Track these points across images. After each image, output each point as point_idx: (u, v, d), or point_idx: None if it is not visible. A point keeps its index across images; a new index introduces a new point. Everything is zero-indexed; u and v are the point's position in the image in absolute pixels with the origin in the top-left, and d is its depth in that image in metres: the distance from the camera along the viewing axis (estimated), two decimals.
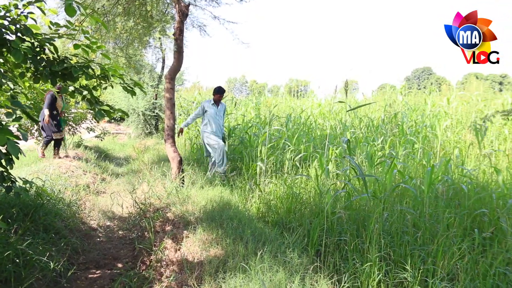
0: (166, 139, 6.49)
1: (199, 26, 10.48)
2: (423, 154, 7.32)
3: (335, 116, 12.16)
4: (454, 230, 3.57)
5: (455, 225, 3.70)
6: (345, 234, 3.81)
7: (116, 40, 9.74)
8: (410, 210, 3.81)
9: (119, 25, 8.54)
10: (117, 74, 3.20)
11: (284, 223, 4.71)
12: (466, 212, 4.04)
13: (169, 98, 6.29)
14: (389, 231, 3.74)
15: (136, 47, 10.53)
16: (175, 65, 6.24)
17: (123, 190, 7.16)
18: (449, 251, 3.24)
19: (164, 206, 5.52)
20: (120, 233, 5.37)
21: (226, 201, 5.26)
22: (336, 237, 3.81)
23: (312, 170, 6.11)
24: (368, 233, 3.48)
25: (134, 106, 15.68)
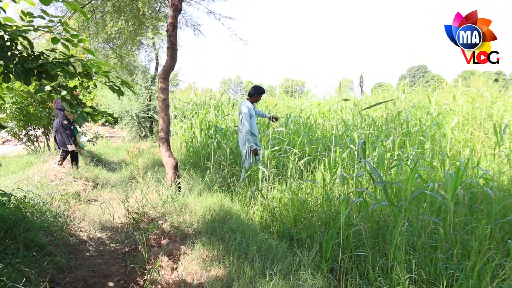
0: (160, 143, 6.05)
1: (193, 25, 10.07)
2: (432, 155, 6.93)
3: (335, 116, 11.76)
4: (488, 242, 3.15)
5: (488, 236, 3.29)
6: (364, 248, 3.39)
7: (108, 42, 9.32)
8: (436, 220, 3.40)
9: (110, 24, 8.11)
10: (101, 71, 2.77)
11: (292, 234, 4.29)
12: (498, 222, 3.63)
13: (163, 99, 5.86)
14: (414, 244, 3.32)
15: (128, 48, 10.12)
16: (168, 63, 5.81)
17: (116, 198, 6.72)
18: (487, 269, 2.83)
19: (159, 215, 5.09)
20: (112, 246, 4.93)
21: (227, 210, 4.84)
22: (353, 252, 3.39)
23: (318, 174, 5.69)
24: (392, 248, 3.06)
25: (128, 108, 15.22)
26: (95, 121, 2.86)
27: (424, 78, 73.22)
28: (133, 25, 8.28)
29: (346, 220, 3.52)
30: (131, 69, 14.14)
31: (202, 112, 10.61)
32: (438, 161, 6.08)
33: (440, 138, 8.03)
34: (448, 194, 3.65)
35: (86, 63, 2.77)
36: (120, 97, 3.53)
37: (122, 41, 9.45)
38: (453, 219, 3.60)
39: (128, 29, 8.59)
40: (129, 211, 5.31)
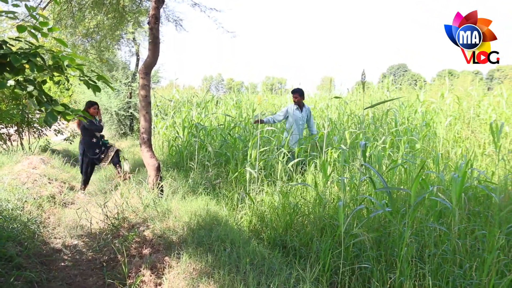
0: (141, 142, 5.69)
1: (175, 20, 9.66)
2: (425, 155, 6.74)
3: (320, 114, 11.54)
4: (498, 251, 2.91)
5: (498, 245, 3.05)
6: (365, 259, 3.12)
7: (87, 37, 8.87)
8: (443, 228, 3.15)
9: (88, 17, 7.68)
10: (74, 64, 2.42)
11: (284, 242, 4.00)
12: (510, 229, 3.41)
13: (144, 95, 5.50)
14: (421, 255, 3.07)
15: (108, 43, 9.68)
16: (150, 58, 5.45)
17: (94, 200, 6.33)
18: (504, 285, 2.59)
19: (141, 221, 4.74)
20: (89, 254, 4.55)
21: (213, 215, 4.52)
22: (355, 263, 3.12)
23: (309, 176, 5.42)
24: (399, 261, 2.80)
25: (107, 105, 14.70)
26: (67, 120, 2.51)
27: (404, 76, 73.95)
28: (113, 19, 7.87)
29: (345, 228, 3.24)
30: (111, 65, 13.66)
31: (184, 109, 10.23)
32: (432, 162, 5.88)
33: (430, 137, 7.87)
34: (452, 199, 3.41)
35: (57, 55, 2.41)
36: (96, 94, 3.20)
37: (102, 36, 9.02)
38: (458, 226, 3.36)
39: (108, 22, 8.18)
40: (108, 216, 4.94)
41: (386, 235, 3.39)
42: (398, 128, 8.15)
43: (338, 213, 3.17)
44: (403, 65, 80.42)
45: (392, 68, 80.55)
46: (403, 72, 77.49)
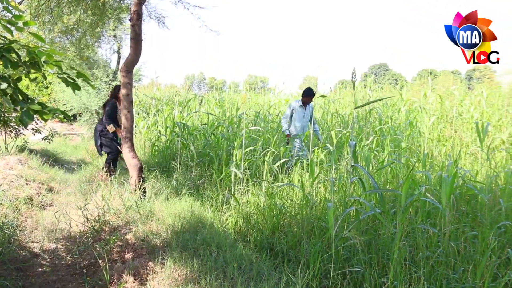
0: (123, 142, 5.52)
1: (157, 17, 9.47)
2: (410, 155, 6.73)
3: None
4: (490, 252, 2.87)
5: (490, 246, 3.01)
6: (357, 263, 3.04)
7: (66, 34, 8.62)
8: (433, 229, 3.09)
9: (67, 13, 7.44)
10: (52, 60, 2.28)
11: (271, 244, 3.91)
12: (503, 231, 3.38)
13: (125, 94, 5.33)
14: (413, 258, 3.01)
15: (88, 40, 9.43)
16: (132, 55, 5.28)
17: (74, 203, 6.13)
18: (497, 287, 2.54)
19: (123, 224, 4.59)
20: (69, 259, 4.38)
21: (198, 217, 4.40)
22: (345, 267, 3.04)
23: (295, 176, 5.34)
24: (392, 264, 2.73)
25: (87, 104, 14.41)
26: (45, 119, 2.36)
27: (385, 76, 74.72)
28: (93, 15, 7.65)
29: (335, 231, 3.16)
30: (91, 63, 13.39)
31: (167, 108, 10.06)
32: (417, 161, 5.86)
33: (414, 136, 7.88)
34: (442, 199, 3.36)
35: (33, 51, 2.26)
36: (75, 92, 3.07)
37: (82, 33, 8.77)
38: (449, 227, 3.32)
39: (88, 19, 7.95)
40: (88, 218, 4.77)
41: (377, 237, 3.32)
42: (382, 127, 8.15)
43: (328, 215, 3.09)
44: (384, 65, 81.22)
45: (373, 67, 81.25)
46: (384, 71, 78.25)
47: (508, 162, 6.42)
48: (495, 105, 9.47)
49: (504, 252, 3.13)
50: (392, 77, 69.38)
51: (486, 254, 2.65)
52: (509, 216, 3.95)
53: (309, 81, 37.93)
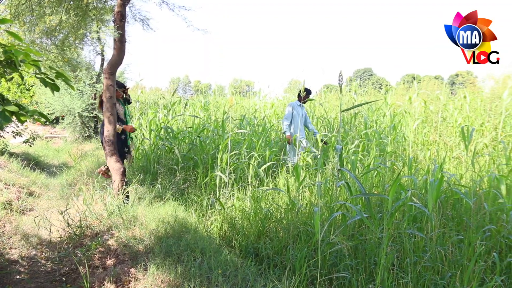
0: (105, 145, 5.41)
1: (142, 19, 9.35)
2: (395, 159, 6.75)
3: None
4: (476, 256, 2.85)
5: (477, 251, 3.00)
6: (344, 268, 3.00)
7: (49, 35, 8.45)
8: (421, 234, 3.07)
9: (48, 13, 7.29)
10: (29, 59, 2.19)
11: (256, 250, 3.85)
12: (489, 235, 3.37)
13: (109, 97, 5.23)
14: (400, 263, 2.98)
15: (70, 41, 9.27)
16: (115, 57, 5.20)
17: (55, 207, 5.98)
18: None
19: (105, 229, 4.48)
20: (48, 266, 4.26)
21: (182, 222, 4.32)
22: (332, 272, 2.99)
23: (281, 180, 5.29)
24: (380, 270, 2.69)
25: (70, 107, 14.16)
26: (22, 121, 2.27)
27: (369, 80, 75.44)
28: (76, 16, 7.51)
29: (322, 235, 3.12)
30: (74, 65, 13.17)
31: (151, 111, 9.94)
32: (403, 165, 5.87)
33: (399, 140, 7.91)
34: (429, 204, 3.34)
35: (10, 49, 2.17)
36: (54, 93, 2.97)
37: (65, 35, 8.60)
38: (436, 231, 3.31)
39: (70, 21, 7.80)
40: (69, 224, 4.65)
41: (363, 242, 3.29)
42: (367, 131, 8.16)
43: (314, 220, 3.04)
44: (369, 69, 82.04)
45: (358, 71, 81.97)
46: (369, 76, 79.02)
47: (490, 166, 6.47)
48: (478, 109, 9.57)
49: (490, 256, 3.12)
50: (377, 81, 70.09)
51: (473, 259, 2.64)
52: (493, 220, 3.96)
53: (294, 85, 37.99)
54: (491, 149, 7.81)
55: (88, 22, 8.69)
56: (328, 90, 17.21)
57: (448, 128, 9.10)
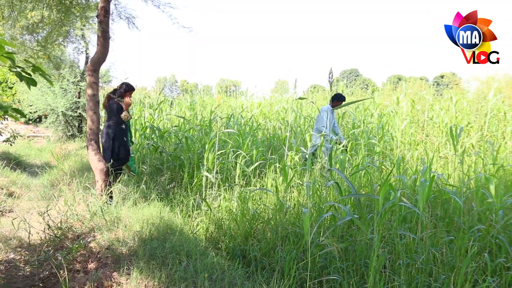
0: (88, 145, 5.27)
1: (127, 17, 9.19)
2: (383, 158, 6.71)
3: (277, 116, 11.42)
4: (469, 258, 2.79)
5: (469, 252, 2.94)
6: (335, 271, 2.92)
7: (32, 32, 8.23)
8: (412, 235, 3.00)
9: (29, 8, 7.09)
10: (3, 51, 2.06)
11: (244, 252, 3.75)
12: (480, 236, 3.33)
13: (92, 94, 5.09)
14: (391, 265, 2.91)
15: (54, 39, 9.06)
16: (98, 53, 5.05)
17: (35, 209, 5.80)
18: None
19: (87, 231, 4.34)
20: (27, 270, 4.09)
21: (167, 223, 4.20)
22: (322, 275, 2.91)
23: (268, 180, 5.20)
24: (372, 273, 2.61)
25: (53, 105, 13.88)
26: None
27: (356, 81, 75.86)
28: (58, 12, 7.31)
29: (311, 237, 3.03)
30: (58, 63, 12.91)
31: (136, 111, 9.77)
32: (392, 165, 5.83)
33: (386, 140, 7.89)
34: (420, 204, 3.28)
35: None
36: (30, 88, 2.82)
37: (48, 32, 8.39)
38: (427, 232, 3.25)
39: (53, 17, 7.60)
40: (49, 225, 4.50)
41: (353, 244, 3.21)
42: (355, 131, 8.13)
43: (303, 221, 2.95)
44: (355, 70, 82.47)
45: (344, 72, 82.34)
46: (355, 76, 79.45)
47: (477, 166, 6.48)
48: (464, 110, 9.63)
49: (481, 257, 3.08)
50: (363, 82, 70.51)
51: (466, 261, 2.58)
52: (482, 220, 3.93)
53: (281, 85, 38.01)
54: (478, 149, 7.85)
55: (72, 19, 8.51)
56: (315, 90, 17.19)
57: (435, 128, 9.12)
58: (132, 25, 9.08)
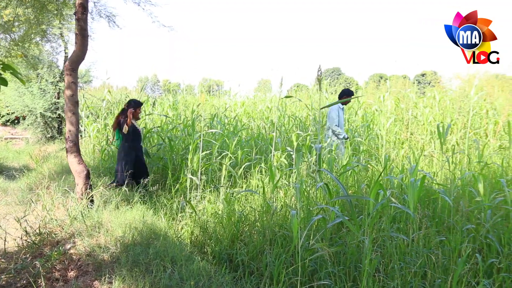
0: (68, 147, 5.08)
1: (107, 16, 9.00)
2: (369, 157, 6.67)
3: (261, 116, 11.34)
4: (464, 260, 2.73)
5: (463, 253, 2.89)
6: (325, 275, 2.83)
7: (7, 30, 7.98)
8: (404, 237, 2.93)
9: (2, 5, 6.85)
10: None
11: (231, 256, 3.63)
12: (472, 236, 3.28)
13: (70, 95, 4.91)
14: (385, 269, 2.83)
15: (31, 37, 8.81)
16: (77, 52, 4.87)
17: (13, 213, 5.58)
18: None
19: (67, 237, 4.18)
20: (3, 279, 3.90)
21: (151, 227, 4.06)
22: (313, 280, 2.81)
23: (254, 181, 5.10)
24: (364, 276, 2.52)
25: (31, 106, 13.52)
26: None
27: (338, 79, 76.29)
28: (33, 10, 7.09)
29: (301, 240, 2.93)
30: (35, 63, 12.61)
31: (118, 111, 9.56)
32: (379, 164, 5.79)
33: (371, 139, 7.87)
34: (410, 204, 3.22)
35: None
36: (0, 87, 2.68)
37: (25, 31, 8.15)
38: (419, 232, 3.19)
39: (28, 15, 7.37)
40: (27, 231, 4.31)
41: (344, 246, 3.13)
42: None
43: (292, 224, 2.85)
44: (337, 69, 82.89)
45: (327, 71, 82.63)
46: (337, 75, 79.88)
47: (461, 164, 6.49)
48: (447, 108, 9.68)
49: (473, 258, 3.03)
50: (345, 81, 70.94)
51: (461, 263, 2.51)
52: (470, 219, 3.89)
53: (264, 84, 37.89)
54: (462, 147, 7.88)
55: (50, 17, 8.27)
56: (298, 89, 17.13)
57: (419, 126, 9.14)
58: (112, 24, 8.89)
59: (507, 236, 3.38)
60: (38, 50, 11.90)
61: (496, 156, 7.05)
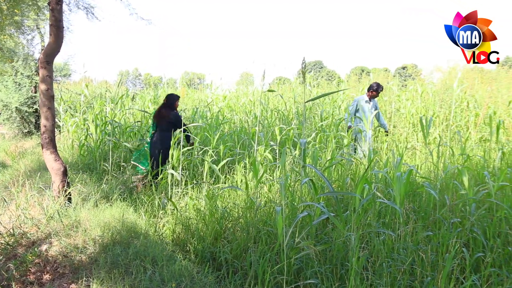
0: (43, 143, 4.89)
1: (86, 7, 8.73)
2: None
3: (243, 109, 11.22)
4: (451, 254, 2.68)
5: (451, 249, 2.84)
6: (312, 274, 2.75)
7: None
8: (391, 233, 2.87)
9: None
10: None
11: (214, 254, 3.53)
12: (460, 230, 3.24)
13: (45, 89, 4.71)
14: (373, 266, 2.76)
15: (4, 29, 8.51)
16: (51, 44, 4.67)
17: None
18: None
19: (43, 237, 4.01)
20: None
21: (130, 226, 3.93)
22: (299, 279, 2.73)
23: (238, 176, 4.99)
24: (351, 274, 2.45)
25: (6, 101, 13.11)
26: None
27: (320, 72, 76.55)
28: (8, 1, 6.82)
29: (286, 238, 2.84)
30: (11, 55, 12.23)
31: (97, 105, 9.33)
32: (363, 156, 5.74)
33: None
34: (396, 199, 3.16)
35: None
36: None
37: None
38: (406, 226, 3.14)
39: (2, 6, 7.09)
40: (0, 232, 4.13)
41: (331, 244, 3.06)
42: (323, 123, 8.04)
43: (277, 221, 2.77)
44: (319, 62, 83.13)
45: (309, 64, 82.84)
46: (319, 68, 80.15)
47: (444, 157, 6.50)
48: (429, 100, 9.72)
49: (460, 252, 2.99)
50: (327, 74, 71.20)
51: (449, 259, 2.46)
52: (454, 212, 3.87)
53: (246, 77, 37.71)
54: (444, 139, 7.91)
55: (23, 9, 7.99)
56: (280, 82, 17.05)
57: (401, 119, 9.16)
58: (91, 15, 8.62)
59: (492, 229, 3.37)
60: (13, 42, 11.54)
61: (477, 148, 7.10)
